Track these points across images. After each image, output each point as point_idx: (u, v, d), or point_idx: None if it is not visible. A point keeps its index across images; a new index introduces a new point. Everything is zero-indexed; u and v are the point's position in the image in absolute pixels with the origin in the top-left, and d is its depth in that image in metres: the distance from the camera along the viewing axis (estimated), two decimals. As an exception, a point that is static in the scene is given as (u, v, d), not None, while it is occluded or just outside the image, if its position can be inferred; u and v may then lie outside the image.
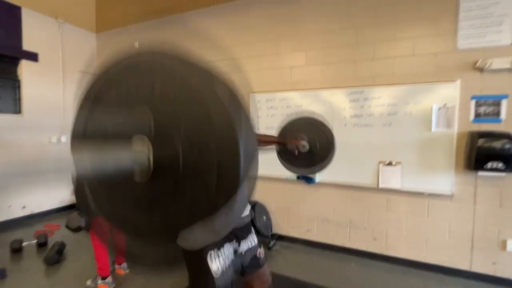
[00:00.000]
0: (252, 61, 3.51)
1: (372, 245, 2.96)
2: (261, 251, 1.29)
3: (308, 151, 1.77)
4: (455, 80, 2.56)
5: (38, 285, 2.44)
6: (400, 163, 2.78)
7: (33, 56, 3.94)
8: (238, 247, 1.21)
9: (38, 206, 4.14)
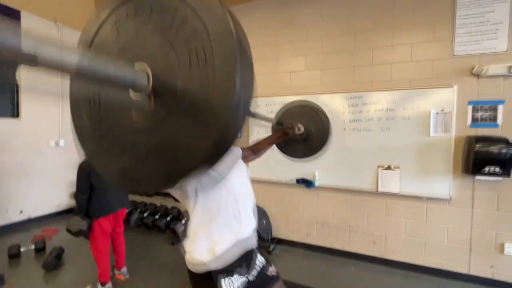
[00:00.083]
0: (252, 65, 3.53)
1: (372, 249, 2.98)
2: (272, 269, 1.25)
3: (304, 135, 1.80)
4: (452, 86, 2.61)
5: (36, 291, 2.43)
6: (398, 167, 2.81)
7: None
8: (248, 273, 1.16)
9: (35, 211, 4.10)
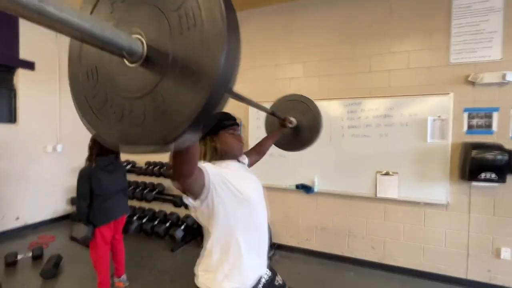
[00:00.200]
0: (251, 72, 3.56)
1: (371, 254, 3.00)
2: (279, 278, 1.26)
3: (296, 127, 1.84)
4: (448, 93, 2.66)
5: (35, 300, 2.40)
6: (397, 173, 2.85)
7: (29, 65, 3.91)
8: None
9: (31, 217, 4.05)
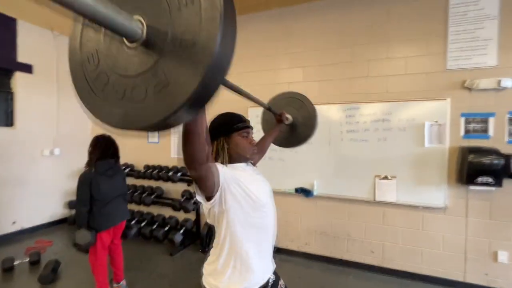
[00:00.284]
0: (250, 76, 3.58)
1: (370, 258, 3.02)
2: (282, 282, 1.28)
3: (291, 123, 1.86)
4: (445, 98, 2.70)
5: (33, 306, 2.37)
6: (395, 177, 2.88)
7: (27, 68, 3.89)
8: None
9: (28, 221, 4.00)
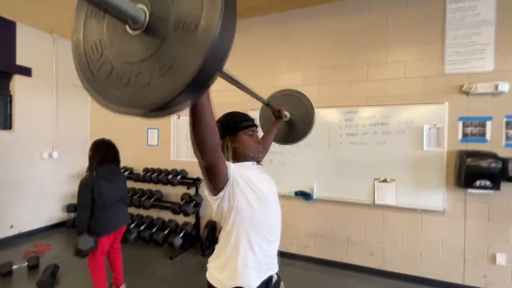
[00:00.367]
0: (250, 79, 3.59)
1: (369, 260, 3.03)
2: (282, 284, 1.28)
3: (289, 120, 1.88)
4: (443, 102, 2.73)
5: (32, 311, 2.35)
6: (394, 180, 2.90)
7: (26, 71, 3.88)
8: None
9: (26, 225, 3.98)
